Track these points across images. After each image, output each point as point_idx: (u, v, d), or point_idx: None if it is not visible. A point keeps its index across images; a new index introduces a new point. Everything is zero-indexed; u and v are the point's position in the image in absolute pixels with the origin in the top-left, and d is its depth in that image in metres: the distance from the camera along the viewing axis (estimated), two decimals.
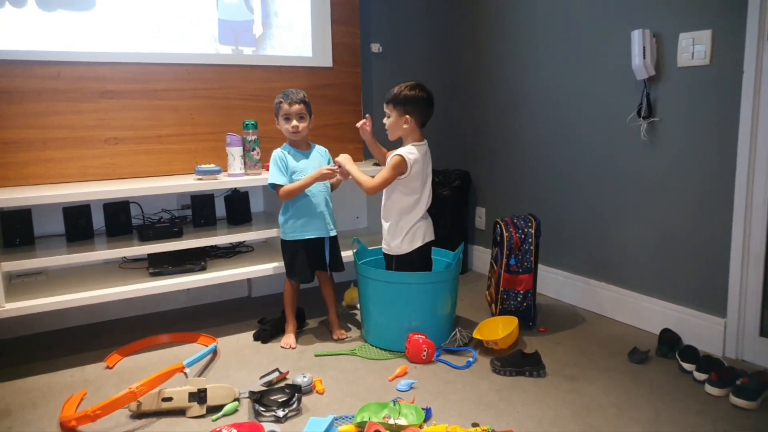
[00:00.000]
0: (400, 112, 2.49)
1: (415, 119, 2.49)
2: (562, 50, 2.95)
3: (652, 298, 2.67)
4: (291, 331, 2.65)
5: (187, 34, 2.96)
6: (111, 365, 2.41)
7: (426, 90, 2.52)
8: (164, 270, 2.68)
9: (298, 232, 2.59)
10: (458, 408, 2.04)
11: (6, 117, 2.65)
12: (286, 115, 2.56)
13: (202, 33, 3.00)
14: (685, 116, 2.47)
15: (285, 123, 2.57)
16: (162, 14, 2.89)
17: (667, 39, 2.48)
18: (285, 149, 2.62)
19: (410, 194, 2.51)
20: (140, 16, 2.84)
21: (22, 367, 2.39)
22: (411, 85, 2.50)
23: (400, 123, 2.50)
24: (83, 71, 2.77)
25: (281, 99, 2.57)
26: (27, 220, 2.65)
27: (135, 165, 2.93)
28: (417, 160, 2.48)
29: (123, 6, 2.80)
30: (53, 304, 2.40)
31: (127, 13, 2.81)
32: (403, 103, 2.48)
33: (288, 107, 2.55)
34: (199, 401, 2.02)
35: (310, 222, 2.59)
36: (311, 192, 2.58)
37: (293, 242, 2.61)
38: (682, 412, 1.99)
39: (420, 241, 2.55)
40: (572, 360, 2.41)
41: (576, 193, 2.97)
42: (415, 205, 2.53)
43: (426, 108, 2.52)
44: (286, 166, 2.57)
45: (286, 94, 2.57)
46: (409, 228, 2.52)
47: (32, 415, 2.04)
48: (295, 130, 2.56)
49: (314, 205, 2.59)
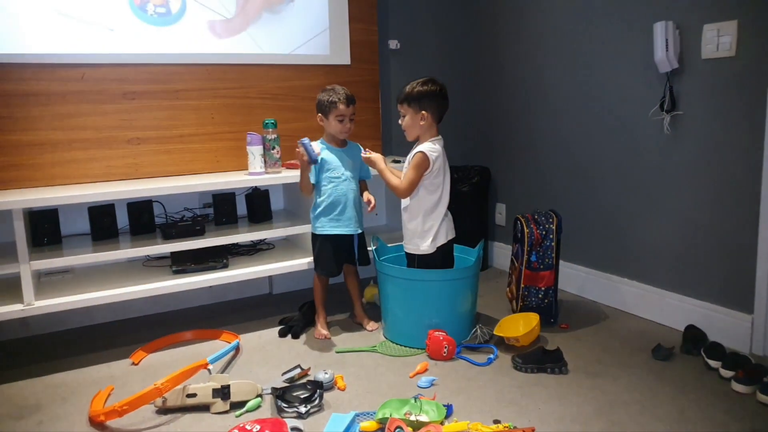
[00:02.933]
0: (416, 109, 2.48)
1: (432, 114, 2.48)
2: (582, 44, 2.92)
3: (676, 294, 2.63)
4: (322, 322, 2.69)
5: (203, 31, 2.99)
6: (136, 362, 2.45)
7: (438, 83, 2.50)
8: (187, 268, 2.71)
9: (326, 228, 2.63)
10: (479, 405, 2.04)
11: (33, 119, 2.70)
12: (342, 116, 2.57)
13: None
14: (709, 109, 2.43)
15: (338, 123, 2.58)
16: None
17: (691, 31, 2.44)
18: (322, 143, 2.65)
19: (434, 191, 2.51)
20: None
21: (51, 363, 2.45)
22: (423, 81, 2.48)
23: (416, 120, 2.49)
24: (106, 73, 2.81)
25: (336, 99, 2.55)
26: (54, 220, 2.70)
27: (157, 164, 2.97)
28: (438, 155, 2.47)
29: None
30: (80, 301, 2.45)
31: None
32: (418, 100, 2.47)
33: (345, 108, 2.56)
34: (223, 397, 2.04)
35: (338, 219, 2.62)
36: (340, 190, 2.61)
37: (321, 236, 2.65)
38: (708, 410, 1.97)
39: (443, 239, 2.54)
40: (594, 357, 2.39)
41: (597, 187, 2.94)
42: (438, 203, 2.53)
43: (441, 101, 2.50)
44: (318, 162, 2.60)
45: (338, 92, 2.55)
46: (434, 227, 2.52)
47: (62, 410, 2.08)
48: (347, 132, 2.60)
49: (343, 203, 2.61)
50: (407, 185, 2.49)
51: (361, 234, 2.71)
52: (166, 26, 2.90)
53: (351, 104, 2.58)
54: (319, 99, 2.60)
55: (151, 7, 2.86)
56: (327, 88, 2.61)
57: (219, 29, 3.03)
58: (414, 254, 2.57)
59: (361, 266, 2.77)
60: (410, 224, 2.57)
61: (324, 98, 2.58)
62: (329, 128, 2.62)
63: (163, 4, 2.89)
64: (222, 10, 3.01)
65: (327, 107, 2.57)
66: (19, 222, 2.31)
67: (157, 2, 2.87)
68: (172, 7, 2.90)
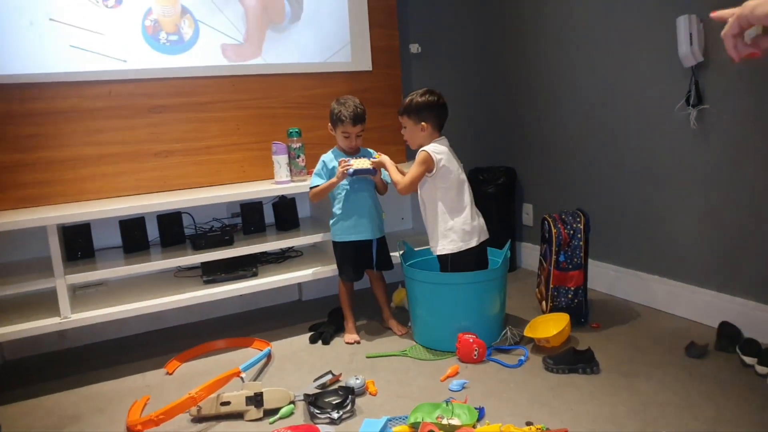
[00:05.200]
0: (415, 120, 2.53)
1: (431, 124, 2.53)
2: (605, 41, 2.90)
3: (708, 291, 2.59)
4: (351, 327, 2.72)
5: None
6: (171, 371, 2.49)
7: (436, 93, 2.55)
8: (218, 277, 2.75)
9: (344, 235, 2.66)
10: (511, 407, 2.04)
11: (63, 136, 2.77)
12: (347, 133, 2.61)
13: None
14: (737, 102, 2.39)
15: (344, 139, 2.63)
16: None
17: (715, 24, 2.39)
18: (334, 153, 2.69)
19: (449, 190, 2.52)
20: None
21: (88, 375, 2.50)
22: (421, 92, 2.54)
23: (417, 130, 2.54)
24: (133, 88, 2.88)
25: (344, 116, 2.58)
26: (87, 234, 2.77)
27: (185, 176, 3.03)
28: (443, 152, 2.50)
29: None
30: (115, 313, 2.50)
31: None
32: (417, 111, 2.52)
33: (351, 128, 2.60)
34: (256, 405, 2.07)
35: (355, 225, 2.64)
36: (356, 196, 2.63)
37: (341, 243, 2.68)
38: (745, 408, 1.93)
39: (476, 240, 2.54)
40: (627, 356, 2.36)
41: (625, 185, 2.91)
42: (459, 202, 2.53)
43: (439, 111, 2.55)
44: (329, 170, 2.65)
45: (348, 109, 2.58)
46: (461, 225, 2.51)
47: (100, 420, 2.13)
48: (353, 148, 2.66)
49: (359, 209, 2.64)
50: (408, 181, 2.52)
51: (381, 239, 2.72)
52: (179, 54, 2.96)
53: (358, 123, 2.60)
54: (332, 109, 2.63)
55: (163, 35, 2.91)
56: (340, 100, 2.62)
57: (231, 54, 3.07)
58: (446, 255, 2.55)
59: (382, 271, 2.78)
60: (434, 228, 2.58)
61: (334, 110, 2.61)
62: (336, 137, 2.68)
63: (176, 32, 2.94)
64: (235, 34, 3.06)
65: (335, 121, 2.62)
66: (53, 237, 2.37)
67: (169, 30, 2.92)
68: (184, 35, 2.96)
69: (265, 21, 3.12)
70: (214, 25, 3.01)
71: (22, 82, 2.67)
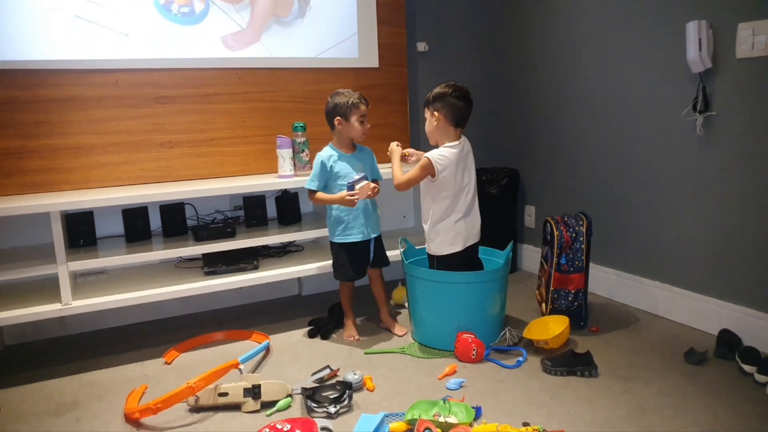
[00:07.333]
0: (431, 112, 2.50)
1: (444, 116, 2.46)
2: (612, 44, 2.90)
3: (709, 298, 2.59)
4: (351, 323, 2.71)
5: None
6: (169, 361, 2.50)
7: (457, 86, 2.47)
8: (218, 269, 2.75)
9: (341, 235, 2.64)
10: (509, 407, 2.04)
11: (69, 124, 2.78)
12: (363, 116, 2.57)
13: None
14: (744, 109, 2.38)
15: (359, 125, 2.57)
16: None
17: (725, 30, 2.40)
18: (333, 151, 2.63)
19: (445, 198, 2.50)
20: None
21: (88, 362, 2.51)
22: (443, 84, 2.49)
23: (431, 122, 2.51)
24: (139, 78, 2.88)
25: (356, 100, 2.53)
26: (89, 222, 2.77)
27: (189, 167, 3.03)
28: (447, 165, 2.45)
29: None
30: (115, 301, 2.51)
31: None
32: (432, 102, 2.49)
33: (365, 108, 2.56)
34: (254, 397, 2.07)
35: (351, 226, 2.62)
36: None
37: (337, 244, 2.66)
38: (743, 416, 1.93)
39: (461, 245, 2.53)
40: (625, 360, 2.36)
41: (628, 189, 2.90)
42: (450, 209, 2.51)
43: (455, 103, 2.45)
44: (328, 171, 2.59)
45: (352, 95, 2.54)
46: (446, 231, 2.52)
47: (98, 407, 2.14)
48: (366, 132, 2.61)
49: (355, 210, 2.61)
50: (404, 180, 2.51)
51: (377, 237, 2.70)
52: (189, 26, 2.95)
53: (367, 104, 2.59)
54: (337, 103, 2.54)
55: (175, 6, 2.91)
56: (339, 92, 2.57)
57: (230, 40, 3.06)
58: (433, 255, 2.58)
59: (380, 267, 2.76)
60: (425, 226, 2.59)
61: (342, 101, 2.53)
62: (349, 131, 2.58)
63: (188, 3, 2.94)
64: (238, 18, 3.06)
65: (348, 109, 2.53)
66: (56, 224, 2.38)
67: (181, 2, 2.92)
68: (196, 8, 2.96)
69: (270, 11, 3.12)
70: (223, 6, 3.01)
71: (28, 68, 2.67)
